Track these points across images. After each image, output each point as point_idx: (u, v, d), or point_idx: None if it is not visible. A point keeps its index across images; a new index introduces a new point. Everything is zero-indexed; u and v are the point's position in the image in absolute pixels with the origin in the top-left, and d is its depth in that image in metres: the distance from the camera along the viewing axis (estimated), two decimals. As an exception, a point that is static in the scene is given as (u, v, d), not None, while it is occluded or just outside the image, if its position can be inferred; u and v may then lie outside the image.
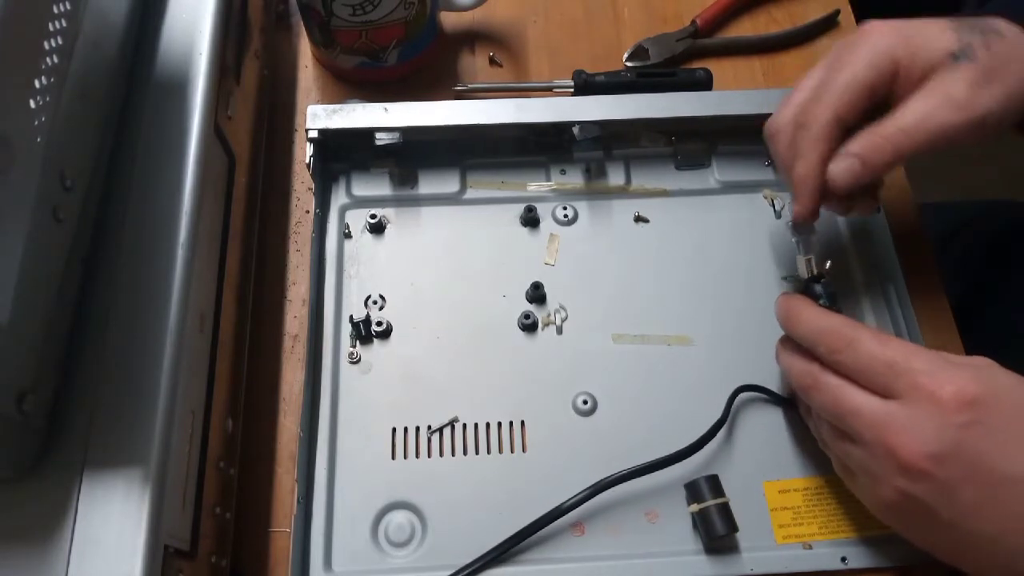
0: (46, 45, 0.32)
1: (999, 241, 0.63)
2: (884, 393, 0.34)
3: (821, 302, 0.41)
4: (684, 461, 0.42)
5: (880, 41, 0.39)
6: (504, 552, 0.40)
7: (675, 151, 0.52)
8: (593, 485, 0.41)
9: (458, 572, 0.40)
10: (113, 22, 0.38)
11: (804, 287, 0.43)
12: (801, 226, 0.43)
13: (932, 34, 0.39)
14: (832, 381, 0.36)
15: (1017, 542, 0.31)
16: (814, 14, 0.59)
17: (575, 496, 0.40)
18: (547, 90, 0.55)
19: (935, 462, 0.32)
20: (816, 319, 0.38)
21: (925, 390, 0.32)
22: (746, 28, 0.59)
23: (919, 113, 0.38)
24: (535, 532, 0.40)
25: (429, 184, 0.50)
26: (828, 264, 0.43)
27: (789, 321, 0.39)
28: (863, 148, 0.39)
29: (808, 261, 0.43)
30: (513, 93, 0.55)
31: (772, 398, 0.44)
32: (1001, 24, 0.40)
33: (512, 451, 0.43)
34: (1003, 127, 0.39)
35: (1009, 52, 0.38)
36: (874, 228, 0.49)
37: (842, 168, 0.39)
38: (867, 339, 0.35)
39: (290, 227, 0.51)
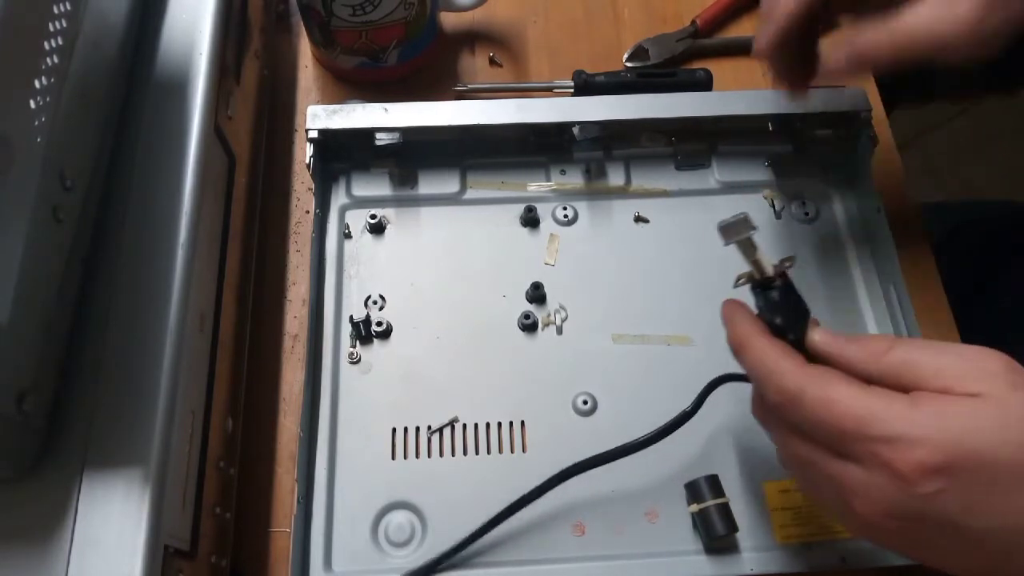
0: (46, 45, 0.32)
1: (999, 241, 0.63)
2: (841, 455, 0.31)
3: (761, 313, 0.36)
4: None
5: None
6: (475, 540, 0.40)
7: (675, 151, 0.52)
8: (559, 473, 0.40)
9: (440, 558, 0.40)
10: (113, 22, 0.38)
11: (756, 293, 0.36)
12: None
13: None
14: (783, 430, 0.34)
15: None
16: (814, 14, 0.59)
17: (542, 484, 0.40)
18: (547, 90, 0.55)
19: (899, 522, 0.30)
20: (762, 357, 0.33)
21: (883, 462, 0.29)
22: (746, 28, 0.59)
23: (929, 21, 0.37)
24: (502, 521, 0.40)
25: (429, 184, 0.50)
26: (786, 261, 0.36)
27: (735, 348, 0.35)
28: (868, 44, 0.38)
29: (756, 263, 0.36)
30: (513, 93, 0.55)
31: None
32: None
33: (512, 451, 0.43)
34: (1005, 45, 0.37)
35: None
36: (874, 228, 0.49)
37: (842, 57, 0.39)
38: (811, 396, 0.31)
39: (290, 227, 0.51)
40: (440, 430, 0.44)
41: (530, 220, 0.49)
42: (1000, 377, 0.30)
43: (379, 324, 0.46)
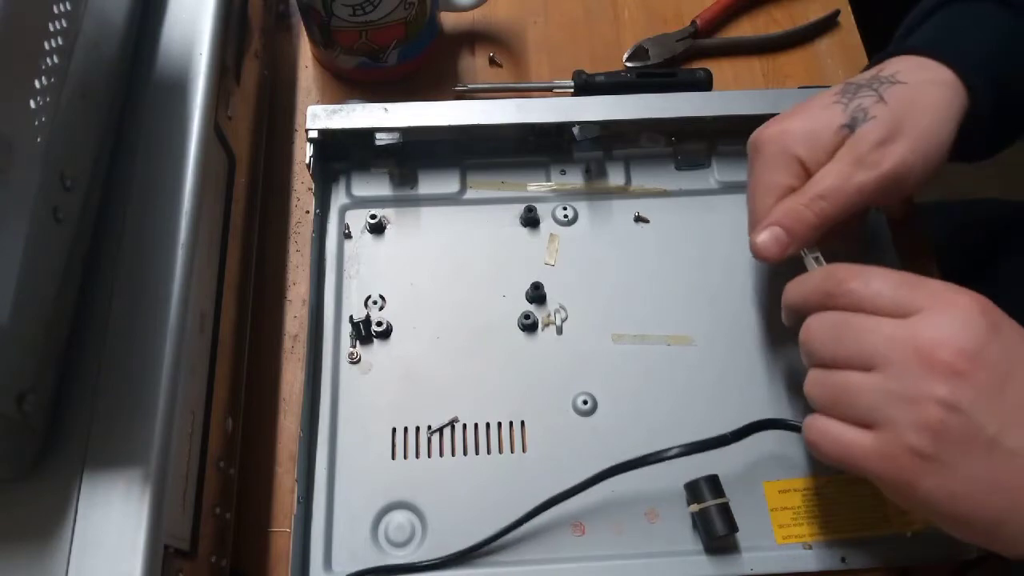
0: (46, 45, 0.32)
1: (999, 240, 0.63)
2: (904, 313, 0.33)
3: None
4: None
5: (773, 150, 0.40)
6: (504, 535, 0.40)
7: (675, 151, 0.52)
8: (599, 473, 0.40)
9: (450, 558, 0.40)
10: (113, 22, 0.38)
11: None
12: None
13: (819, 116, 0.40)
14: (841, 314, 0.35)
15: None
16: (814, 14, 0.59)
17: (579, 484, 0.40)
18: (547, 90, 0.55)
19: (974, 359, 0.31)
20: (821, 269, 0.37)
21: (944, 298, 0.32)
22: (746, 28, 0.59)
23: (833, 176, 0.39)
24: (533, 518, 0.40)
25: (429, 184, 0.50)
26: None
27: (794, 286, 0.38)
28: (784, 216, 0.39)
29: (816, 259, 0.40)
30: (513, 93, 0.55)
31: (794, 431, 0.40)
32: (900, 67, 0.40)
33: (512, 451, 0.43)
34: (926, 174, 0.39)
35: (911, 97, 0.39)
36: (874, 228, 0.49)
37: (766, 238, 0.39)
38: (877, 269, 0.35)
39: (290, 227, 0.51)
40: (440, 430, 0.44)
41: (530, 220, 0.49)
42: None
43: (379, 324, 0.46)
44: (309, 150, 0.47)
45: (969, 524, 0.32)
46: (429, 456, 0.43)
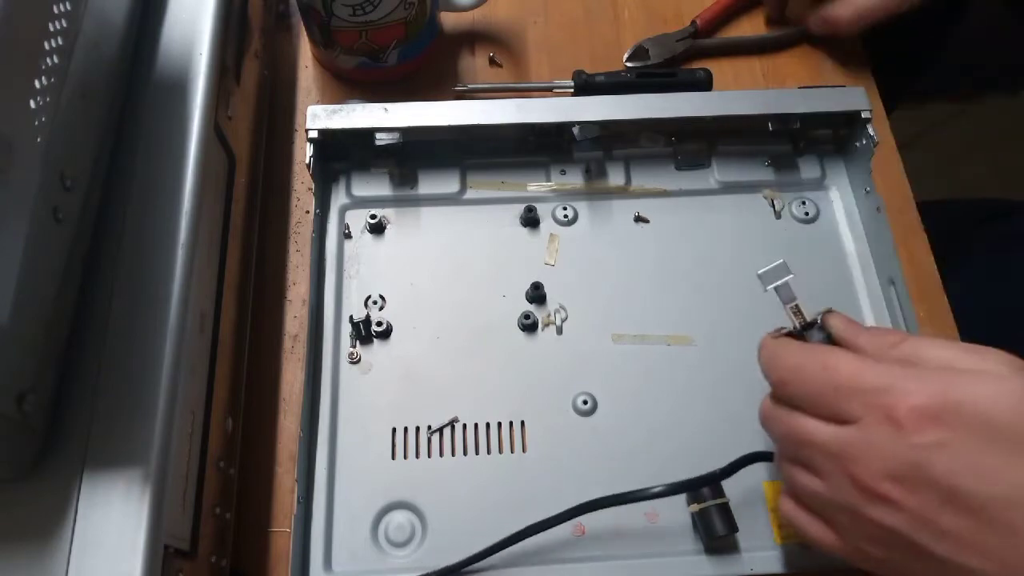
0: (46, 45, 0.32)
1: (999, 240, 0.63)
2: (839, 420, 0.31)
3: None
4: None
5: None
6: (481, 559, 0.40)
7: (675, 151, 0.52)
8: (574, 508, 0.39)
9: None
10: (113, 22, 0.38)
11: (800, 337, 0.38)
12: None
13: None
14: (783, 412, 0.34)
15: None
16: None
17: (553, 517, 0.39)
18: (547, 90, 0.55)
19: (902, 487, 0.29)
20: (772, 348, 0.36)
21: (879, 410, 0.29)
22: (746, 28, 0.59)
23: None
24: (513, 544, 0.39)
25: (429, 184, 0.50)
26: (821, 312, 0.38)
27: (762, 351, 0.37)
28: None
29: (794, 308, 0.38)
30: (513, 93, 0.55)
31: None
32: None
33: (512, 451, 0.43)
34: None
35: None
36: (874, 228, 0.49)
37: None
38: (811, 365, 0.33)
39: (290, 227, 0.51)
40: (440, 430, 0.44)
41: (530, 220, 0.49)
42: (1004, 366, 0.30)
43: (379, 324, 0.46)
44: (309, 150, 0.47)
45: None
46: (429, 456, 0.43)
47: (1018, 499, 0.27)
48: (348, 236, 0.49)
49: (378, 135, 0.47)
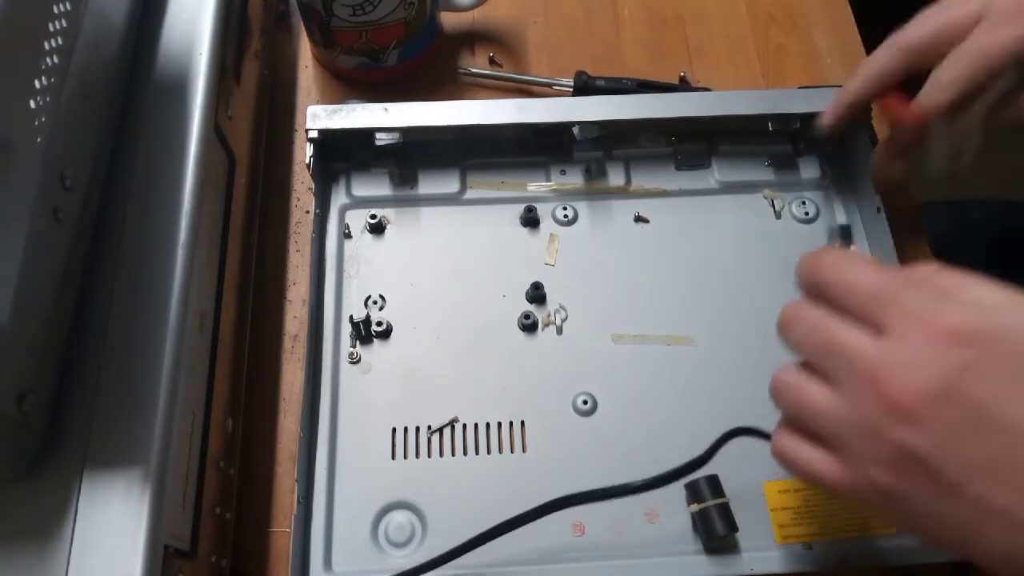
0: (46, 45, 0.32)
1: (999, 240, 0.63)
2: (874, 327, 0.29)
3: None
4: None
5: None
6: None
7: (675, 151, 0.52)
8: (548, 503, 0.38)
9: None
10: (113, 22, 0.38)
11: None
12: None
13: None
14: (814, 312, 0.31)
15: None
16: (814, 13, 0.59)
17: (528, 512, 0.38)
18: (548, 86, 0.55)
19: (933, 403, 0.27)
20: (817, 254, 0.33)
21: (919, 324, 0.28)
22: (746, 28, 0.59)
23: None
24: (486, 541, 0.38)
25: (429, 184, 0.50)
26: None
27: (801, 262, 0.34)
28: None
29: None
30: (514, 84, 0.55)
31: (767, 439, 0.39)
32: None
33: (512, 451, 0.43)
34: None
35: None
36: (874, 228, 0.49)
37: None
38: (858, 269, 0.31)
39: (290, 227, 0.51)
40: (440, 430, 0.44)
41: (530, 220, 0.49)
42: None
43: (379, 324, 0.46)
44: (309, 150, 0.47)
45: (940, 545, 0.30)
46: (429, 456, 0.43)
47: None
48: (348, 236, 0.49)
49: (378, 135, 0.47)
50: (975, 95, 0.40)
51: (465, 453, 0.43)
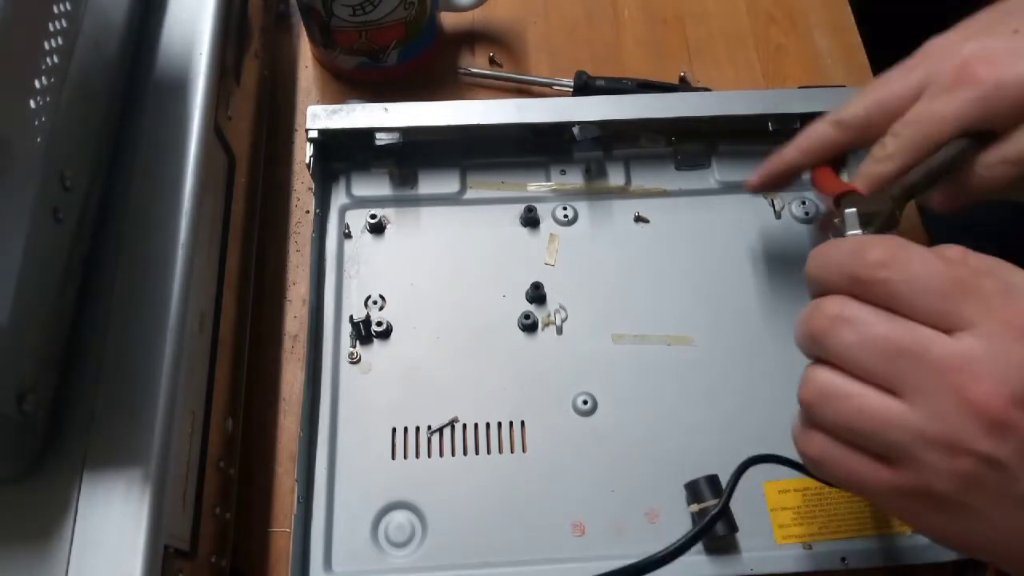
0: (46, 45, 0.32)
1: (1000, 241, 0.63)
2: (948, 326, 0.26)
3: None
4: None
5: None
6: None
7: (675, 151, 0.52)
8: None
9: None
10: (113, 22, 0.38)
11: None
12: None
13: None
14: (866, 314, 0.27)
15: None
16: (814, 13, 0.59)
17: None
18: (547, 85, 0.55)
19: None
20: (851, 240, 0.30)
21: (1002, 315, 0.25)
22: (746, 29, 0.59)
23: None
24: None
25: (429, 184, 0.50)
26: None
27: (818, 257, 0.31)
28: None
29: (852, 218, 0.36)
30: (514, 84, 0.55)
31: (791, 467, 0.38)
32: None
33: (512, 451, 0.43)
34: None
35: None
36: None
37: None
38: (917, 253, 0.27)
39: (290, 227, 0.51)
40: (440, 430, 0.44)
41: (530, 220, 0.49)
42: None
43: (379, 324, 0.46)
44: (309, 150, 0.47)
45: (972, 552, 0.29)
46: (429, 456, 0.43)
47: None
48: (348, 236, 0.49)
49: (378, 135, 0.47)
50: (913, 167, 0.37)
51: (465, 453, 0.43)
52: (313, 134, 0.47)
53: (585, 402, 0.44)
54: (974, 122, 0.35)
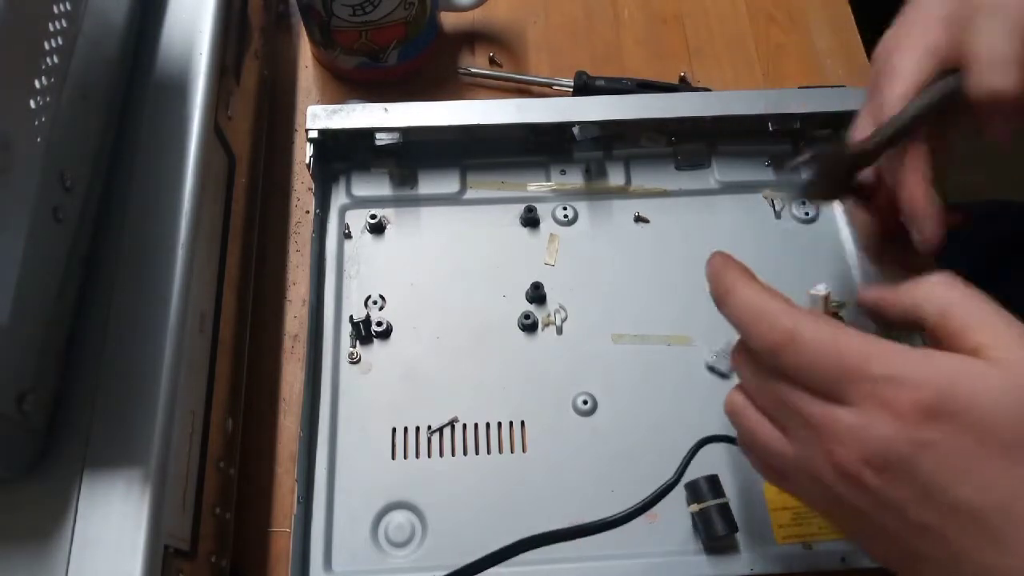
0: (46, 45, 0.32)
1: (999, 241, 0.63)
2: (834, 399, 0.29)
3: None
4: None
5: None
6: None
7: (675, 151, 0.52)
8: (513, 544, 0.37)
9: None
10: (113, 22, 0.38)
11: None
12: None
13: None
14: (764, 377, 0.32)
15: (974, 571, 0.27)
16: (814, 13, 0.59)
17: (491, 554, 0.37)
18: (547, 85, 0.55)
19: (881, 476, 0.28)
20: (750, 299, 0.32)
21: (881, 400, 0.28)
22: (746, 29, 0.59)
23: None
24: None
25: (429, 184, 0.50)
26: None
27: (720, 296, 0.34)
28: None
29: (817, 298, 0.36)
30: (514, 84, 0.55)
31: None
32: None
33: (512, 451, 0.43)
34: None
35: None
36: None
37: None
38: (810, 335, 0.30)
39: (290, 227, 0.51)
40: (440, 430, 0.44)
41: (530, 220, 0.49)
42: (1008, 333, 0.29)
43: (379, 324, 0.46)
44: (309, 150, 0.47)
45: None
46: (429, 456, 0.43)
47: (1007, 507, 0.26)
48: (348, 236, 0.49)
49: (378, 135, 0.47)
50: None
51: (465, 453, 0.43)
52: (313, 134, 0.47)
53: (585, 402, 0.44)
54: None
